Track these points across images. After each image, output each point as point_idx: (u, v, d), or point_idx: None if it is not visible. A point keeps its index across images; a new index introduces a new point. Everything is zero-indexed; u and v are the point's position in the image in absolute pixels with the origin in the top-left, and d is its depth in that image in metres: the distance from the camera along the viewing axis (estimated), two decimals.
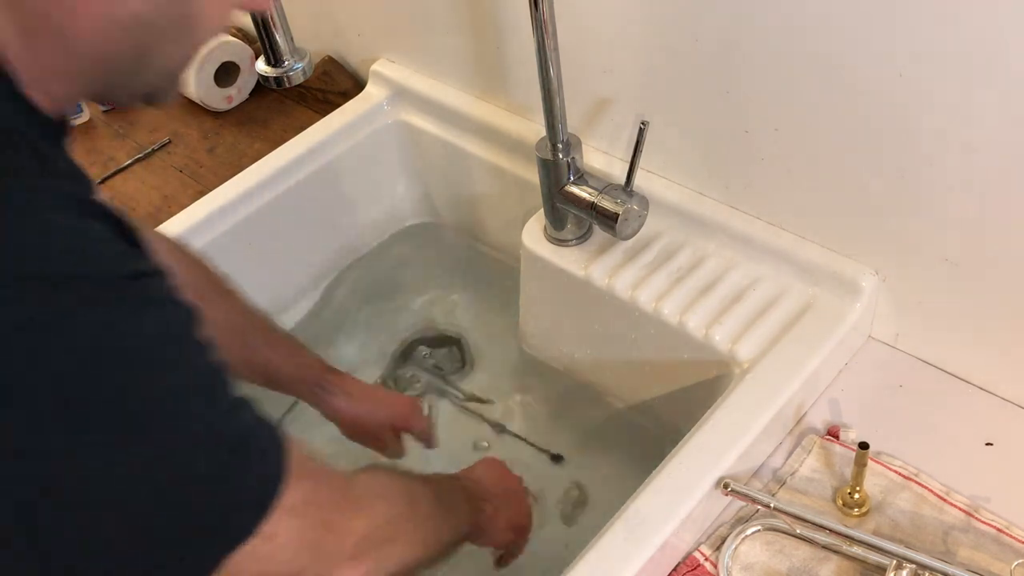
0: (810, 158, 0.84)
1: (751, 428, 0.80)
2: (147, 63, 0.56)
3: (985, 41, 0.68)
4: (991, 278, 0.79)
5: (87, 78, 0.55)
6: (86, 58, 0.54)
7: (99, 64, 0.55)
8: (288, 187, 1.15)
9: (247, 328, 0.90)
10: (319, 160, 1.18)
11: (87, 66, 0.54)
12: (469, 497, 0.81)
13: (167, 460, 0.50)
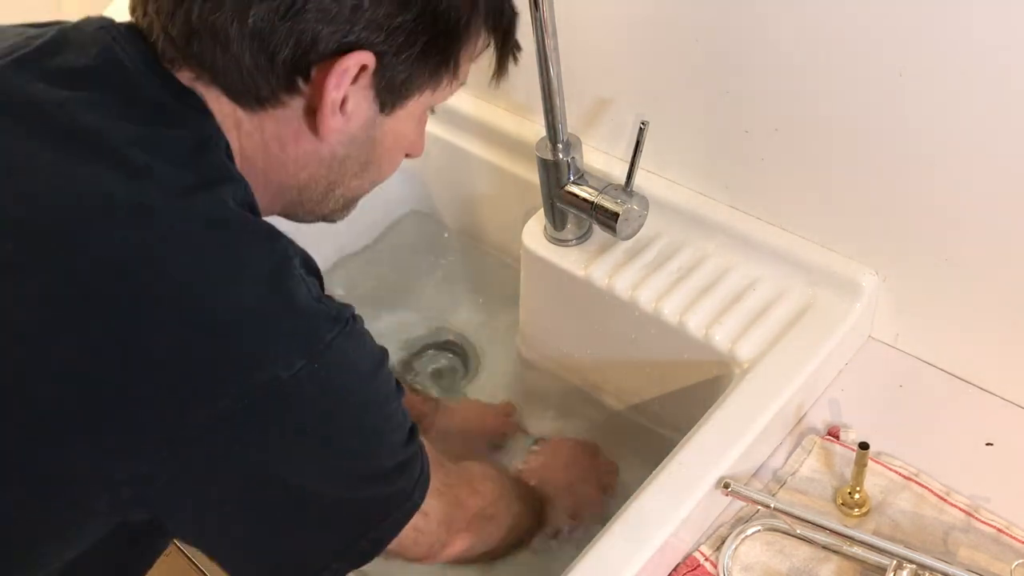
0: (810, 158, 0.84)
1: (751, 428, 0.80)
2: (333, 193, 0.71)
3: (985, 40, 0.68)
4: (991, 278, 0.79)
5: (281, 198, 0.69)
6: (286, 182, 0.68)
7: (294, 189, 0.69)
8: None
9: None
10: None
11: (284, 188, 0.69)
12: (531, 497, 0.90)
13: (383, 454, 0.64)
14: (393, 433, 0.65)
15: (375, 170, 0.71)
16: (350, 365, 0.61)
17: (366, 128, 0.67)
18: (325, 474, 0.62)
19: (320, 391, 0.58)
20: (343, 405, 0.60)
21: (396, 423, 0.65)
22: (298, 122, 0.64)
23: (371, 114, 0.66)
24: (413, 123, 0.71)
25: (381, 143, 0.69)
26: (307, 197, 0.70)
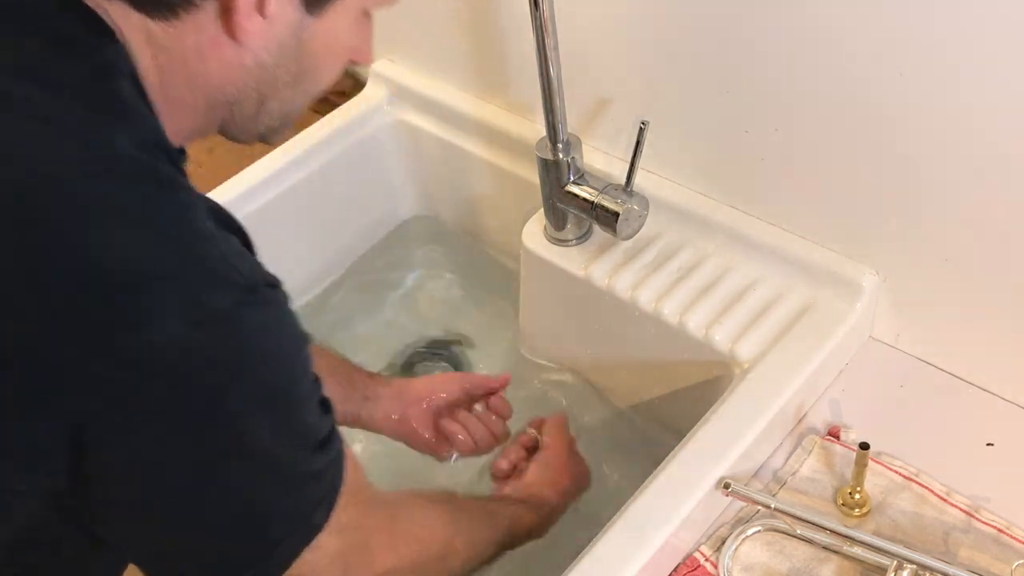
0: (810, 158, 0.84)
1: (751, 428, 0.80)
2: (265, 107, 0.63)
3: (986, 40, 0.68)
4: (991, 278, 0.79)
5: (211, 115, 0.62)
6: (212, 97, 0.61)
7: (223, 104, 0.62)
8: (287, 187, 1.15)
9: None
10: (319, 160, 1.17)
11: (212, 104, 0.61)
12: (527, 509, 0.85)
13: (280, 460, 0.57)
14: (298, 435, 0.57)
15: (311, 79, 0.65)
16: (248, 342, 0.53)
17: (292, 32, 0.60)
18: (203, 470, 0.54)
19: (205, 366, 0.51)
20: (233, 388, 0.53)
21: (304, 423, 0.58)
22: (215, 28, 0.58)
23: (296, 16, 0.60)
24: (348, 24, 0.64)
25: (312, 49, 0.62)
26: (239, 113, 0.63)
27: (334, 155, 1.18)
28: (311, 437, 0.58)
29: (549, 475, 0.89)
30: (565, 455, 0.91)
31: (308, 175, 1.16)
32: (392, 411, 0.95)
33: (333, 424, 0.61)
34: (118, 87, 0.55)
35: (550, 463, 0.90)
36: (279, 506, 0.57)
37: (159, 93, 0.58)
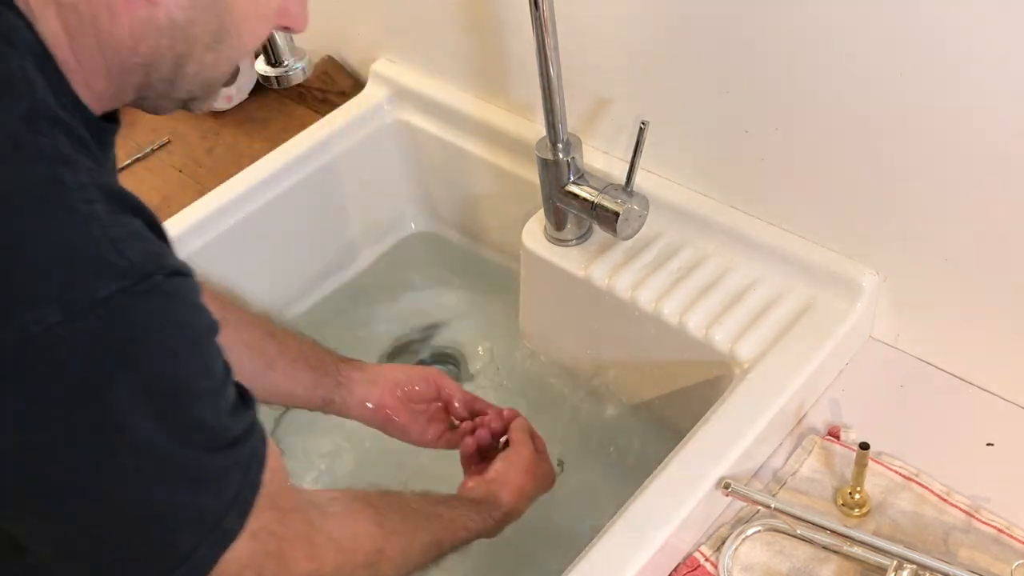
0: (810, 158, 0.84)
1: (751, 428, 0.80)
2: (184, 70, 0.59)
3: (986, 40, 0.67)
4: (991, 278, 0.79)
5: (128, 80, 0.57)
6: (126, 59, 0.56)
7: (138, 67, 0.57)
8: (287, 187, 1.15)
9: (272, 354, 0.88)
10: (318, 160, 1.17)
11: (127, 67, 0.56)
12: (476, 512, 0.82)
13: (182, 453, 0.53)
14: (196, 434, 0.53)
15: (233, 42, 0.60)
16: (132, 333, 0.49)
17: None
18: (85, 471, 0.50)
19: (83, 357, 0.48)
20: (113, 382, 0.49)
21: (202, 422, 0.54)
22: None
23: None
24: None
25: (232, 6, 0.58)
26: (156, 77, 0.58)
27: (334, 155, 1.18)
28: (214, 436, 0.54)
29: (512, 476, 0.87)
30: (530, 457, 0.89)
31: (308, 175, 1.16)
32: (367, 397, 0.93)
33: (249, 423, 0.57)
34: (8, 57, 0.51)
35: (514, 463, 0.88)
36: (182, 511, 0.53)
37: (71, 59, 0.54)
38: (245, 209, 1.12)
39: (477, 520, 0.80)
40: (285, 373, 0.88)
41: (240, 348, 0.84)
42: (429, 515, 0.76)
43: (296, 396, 0.90)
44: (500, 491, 0.84)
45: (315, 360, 0.91)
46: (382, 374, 0.95)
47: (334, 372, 0.92)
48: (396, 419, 0.93)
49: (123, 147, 1.31)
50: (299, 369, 0.89)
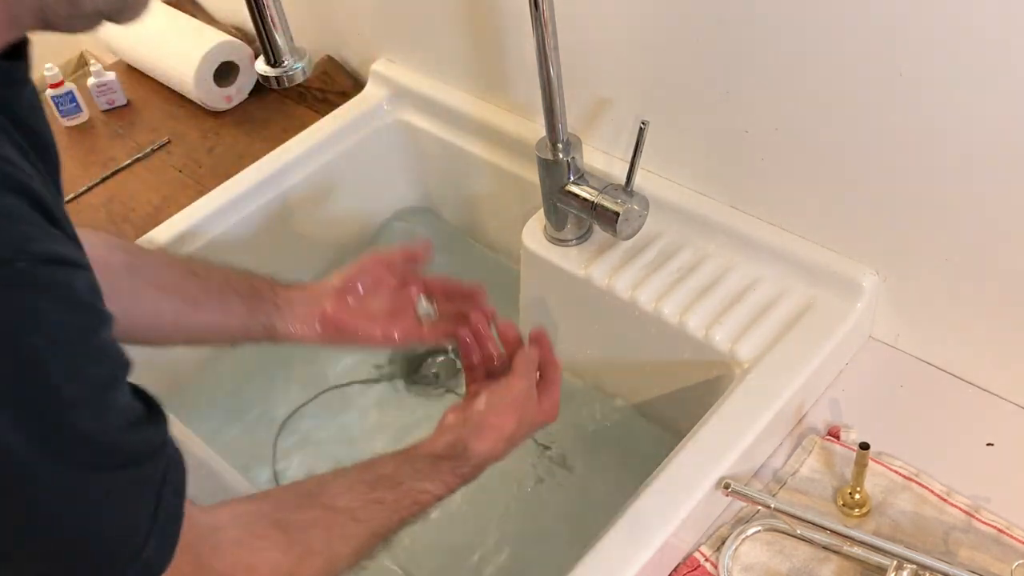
0: (810, 158, 0.84)
1: (751, 428, 0.80)
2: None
3: (985, 40, 0.67)
4: (992, 278, 0.79)
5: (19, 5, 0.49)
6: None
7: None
8: (287, 187, 1.15)
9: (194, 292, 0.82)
10: (318, 160, 1.17)
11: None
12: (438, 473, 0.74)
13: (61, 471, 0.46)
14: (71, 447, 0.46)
15: None
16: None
17: None
18: None
19: None
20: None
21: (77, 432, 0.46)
22: None
23: None
24: None
25: None
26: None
27: (334, 155, 1.19)
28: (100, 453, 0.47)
29: (494, 418, 0.77)
30: (521, 395, 0.79)
31: (308, 175, 1.17)
32: (311, 315, 0.85)
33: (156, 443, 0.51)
34: None
35: (502, 401, 0.78)
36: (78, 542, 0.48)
37: None
38: (245, 209, 1.12)
39: (438, 484, 0.73)
40: (212, 308, 0.82)
41: (155, 294, 0.79)
42: (366, 508, 0.68)
43: (231, 329, 0.84)
44: (475, 440, 0.75)
45: (246, 289, 0.85)
46: (322, 285, 0.88)
47: (270, 297, 0.85)
48: (350, 328, 0.86)
49: (123, 147, 1.31)
50: (228, 301, 0.83)
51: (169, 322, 0.80)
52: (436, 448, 0.75)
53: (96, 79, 1.35)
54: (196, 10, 1.46)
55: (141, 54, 1.40)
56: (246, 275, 0.86)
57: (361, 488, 0.69)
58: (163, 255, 0.84)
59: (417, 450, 0.74)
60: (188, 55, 1.30)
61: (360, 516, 0.67)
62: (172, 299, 0.81)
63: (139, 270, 0.80)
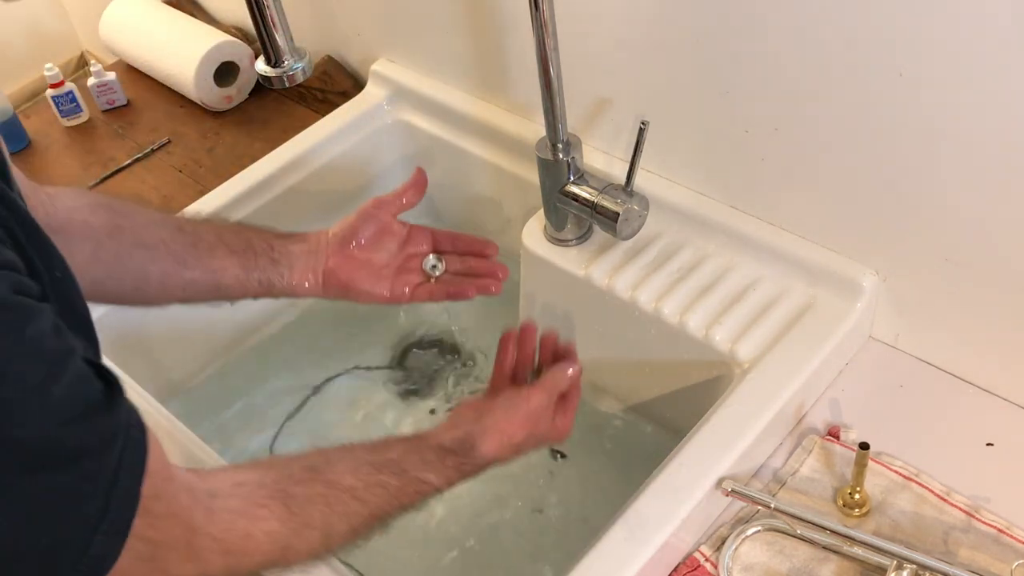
0: (810, 158, 0.84)
1: (751, 428, 0.80)
2: None
3: (985, 40, 0.67)
4: (991, 278, 0.79)
5: None
6: None
7: None
8: (287, 187, 1.15)
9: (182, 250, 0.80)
10: (319, 160, 1.17)
11: None
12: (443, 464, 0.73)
13: None
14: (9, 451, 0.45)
15: None
16: None
17: None
18: None
19: None
20: None
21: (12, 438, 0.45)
22: None
23: None
24: None
25: None
26: None
27: (334, 155, 1.19)
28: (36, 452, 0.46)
29: (506, 425, 0.76)
30: (538, 411, 0.78)
31: (308, 175, 1.17)
32: (311, 268, 0.83)
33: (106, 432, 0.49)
34: None
35: (518, 410, 0.77)
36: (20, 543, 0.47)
37: None
38: (245, 209, 1.12)
39: (441, 476, 0.72)
40: (202, 267, 0.80)
41: (141, 254, 0.78)
42: (369, 490, 0.68)
43: (226, 287, 0.82)
44: (483, 440, 0.74)
45: (239, 244, 0.82)
46: (323, 237, 0.85)
47: (266, 251, 0.83)
48: (355, 285, 0.84)
49: (123, 147, 1.31)
50: (219, 257, 0.81)
51: (157, 282, 0.78)
52: (445, 440, 0.74)
53: (96, 79, 1.35)
54: (196, 10, 1.46)
55: (141, 54, 1.40)
56: (239, 229, 0.83)
57: (366, 469, 0.68)
58: (150, 213, 0.81)
59: (426, 440, 0.74)
60: (188, 55, 1.30)
61: (362, 497, 0.67)
62: (159, 259, 0.79)
63: (124, 231, 0.78)
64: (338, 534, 0.66)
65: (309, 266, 0.83)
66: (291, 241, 0.84)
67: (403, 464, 0.71)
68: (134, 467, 0.50)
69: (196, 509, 0.56)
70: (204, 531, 0.57)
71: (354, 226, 0.86)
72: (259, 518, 0.60)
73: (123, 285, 0.78)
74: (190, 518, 0.56)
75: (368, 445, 0.71)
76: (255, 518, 0.60)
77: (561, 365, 0.81)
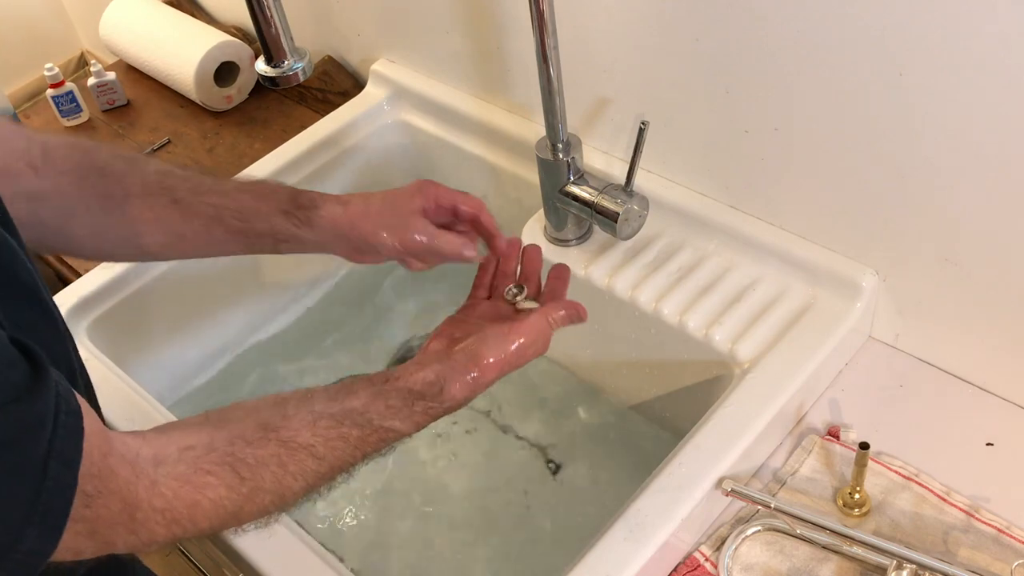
0: (810, 158, 0.84)
1: (751, 428, 0.80)
2: None
3: (985, 40, 0.68)
4: (991, 278, 0.79)
5: None
6: None
7: None
8: None
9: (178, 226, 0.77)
10: (319, 160, 1.17)
11: None
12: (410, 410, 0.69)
13: None
14: None
15: None
16: None
17: None
18: None
19: None
20: None
21: None
22: None
23: None
24: None
25: None
26: None
27: (334, 155, 1.19)
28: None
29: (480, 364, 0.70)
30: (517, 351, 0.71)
31: (308, 175, 1.16)
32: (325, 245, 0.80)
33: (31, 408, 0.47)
34: None
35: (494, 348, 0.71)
36: None
37: None
38: None
39: (408, 422, 0.68)
40: (199, 244, 0.78)
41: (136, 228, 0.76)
42: (328, 444, 0.65)
43: (231, 253, 0.80)
44: (454, 383, 0.69)
45: (238, 224, 0.78)
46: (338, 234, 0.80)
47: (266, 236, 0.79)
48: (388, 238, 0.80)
49: (123, 147, 1.31)
50: (217, 235, 0.78)
51: (155, 252, 0.76)
52: (414, 383, 0.69)
53: (96, 79, 1.35)
54: (196, 10, 1.46)
55: (141, 54, 1.40)
56: (240, 205, 0.78)
57: (325, 423, 0.65)
58: (141, 181, 0.76)
59: (394, 382, 0.69)
60: (188, 55, 1.30)
61: (320, 453, 0.64)
62: (155, 233, 0.76)
63: (116, 203, 0.75)
64: (293, 493, 0.63)
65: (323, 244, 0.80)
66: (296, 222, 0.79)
67: (367, 414, 0.67)
68: (65, 454, 0.48)
69: (138, 483, 0.55)
70: (147, 504, 0.55)
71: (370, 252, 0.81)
72: (206, 486, 0.58)
73: (121, 252, 0.77)
74: (131, 493, 0.54)
75: (329, 393, 0.67)
76: (202, 486, 0.58)
77: (553, 306, 0.75)
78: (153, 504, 0.55)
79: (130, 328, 1.05)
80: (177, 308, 1.09)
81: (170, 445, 0.58)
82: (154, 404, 0.90)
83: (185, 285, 1.08)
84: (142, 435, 0.57)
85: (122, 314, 1.03)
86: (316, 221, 0.79)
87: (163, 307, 1.07)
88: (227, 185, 0.79)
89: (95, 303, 1.02)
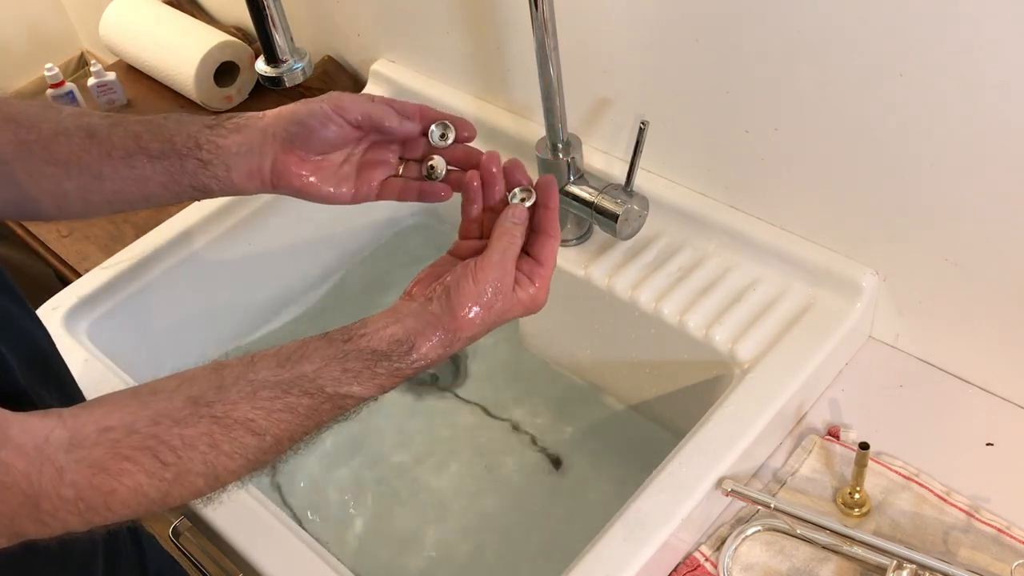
0: (810, 158, 0.84)
1: (751, 428, 0.80)
2: None
3: (985, 40, 0.68)
4: (991, 278, 0.79)
5: None
6: None
7: None
8: None
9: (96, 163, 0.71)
10: None
11: None
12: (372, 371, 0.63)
13: None
14: None
15: None
16: None
17: None
18: None
19: None
20: None
21: None
22: None
23: None
24: None
25: None
26: None
27: None
28: None
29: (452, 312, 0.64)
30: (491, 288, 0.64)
31: None
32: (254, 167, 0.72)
33: None
34: None
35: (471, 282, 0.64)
36: None
37: None
38: (245, 209, 1.12)
39: (370, 384, 0.62)
40: (120, 178, 0.71)
41: (54, 171, 0.71)
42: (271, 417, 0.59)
43: (156, 196, 0.72)
44: (425, 340, 0.63)
45: (160, 149, 0.71)
46: (262, 130, 0.72)
47: (192, 151, 0.71)
48: (310, 188, 0.73)
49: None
50: (139, 167, 0.71)
51: (77, 199, 0.72)
52: (378, 342, 0.63)
53: (96, 79, 1.35)
54: (196, 10, 1.46)
55: (141, 54, 1.40)
56: (159, 127, 0.72)
57: (268, 394, 0.59)
58: (56, 119, 0.72)
59: (356, 341, 0.63)
60: (188, 55, 1.30)
61: (260, 427, 0.58)
62: (73, 175, 0.71)
63: (31, 148, 0.71)
64: (231, 472, 0.58)
65: (250, 165, 0.72)
66: (222, 132, 0.72)
67: (319, 380, 0.61)
68: None
69: (41, 473, 0.51)
70: (53, 494, 0.52)
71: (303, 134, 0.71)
72: (123, 472, 0.54)
73: (43, 204, 0.71)
74: (31, 485, 0.51)
75: (279, 357, 0.61)
76: (118, 473, 0.54)
77: (508, 211, 0.68)
78: (61, 494, 0.52)
79: (130, 328, 1.04)
80: (177, 308, 1.09)
81: (88, 425, 0.54)
82: None
83: (185, 285, 1.08)
84: (58, 414, 0.54)
85: (122, 314, 1.03)
86: (243, 124, 0.72)
87: (163, 307, 1.07)
88: (151, 117, 0.73)
89: (95, 303, 1.02)
